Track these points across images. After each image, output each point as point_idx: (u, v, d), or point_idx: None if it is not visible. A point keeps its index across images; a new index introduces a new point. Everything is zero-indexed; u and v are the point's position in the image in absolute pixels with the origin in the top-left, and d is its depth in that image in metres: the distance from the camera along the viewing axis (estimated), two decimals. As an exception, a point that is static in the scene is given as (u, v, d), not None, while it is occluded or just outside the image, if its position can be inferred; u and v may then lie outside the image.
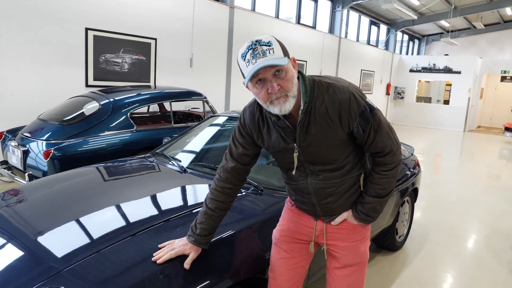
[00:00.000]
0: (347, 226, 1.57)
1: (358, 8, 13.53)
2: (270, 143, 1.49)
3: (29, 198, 2.11)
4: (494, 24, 17.44)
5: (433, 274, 3.17)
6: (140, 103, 4.45)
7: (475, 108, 16.06)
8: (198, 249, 1.54)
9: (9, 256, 1.55)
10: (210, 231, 1.56)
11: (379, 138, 1.43)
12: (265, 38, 1.28)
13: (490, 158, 9.31)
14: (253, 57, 1.25)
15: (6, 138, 4.29)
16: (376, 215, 1.55)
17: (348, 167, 1.49)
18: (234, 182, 1.58)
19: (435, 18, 14.97)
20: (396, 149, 1.48)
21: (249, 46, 1.27)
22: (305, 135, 1.39)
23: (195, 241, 1.53)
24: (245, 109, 1.55)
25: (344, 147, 1.45)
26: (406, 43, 18.43)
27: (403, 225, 3.58)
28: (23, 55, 5.21)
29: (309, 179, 1.50)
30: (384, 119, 1.45)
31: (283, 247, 1.65)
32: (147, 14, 6.67)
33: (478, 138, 13.34)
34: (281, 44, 1.32)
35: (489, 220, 4.59)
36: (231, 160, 1.57)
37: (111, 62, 6.26)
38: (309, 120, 1.37)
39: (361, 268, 1.61)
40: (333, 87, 1.37)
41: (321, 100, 1.36)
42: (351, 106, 1.35)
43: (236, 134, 1.57)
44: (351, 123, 1.38)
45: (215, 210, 1.56)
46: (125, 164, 2.69)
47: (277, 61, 1.25)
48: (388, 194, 1.53)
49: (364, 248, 1.62)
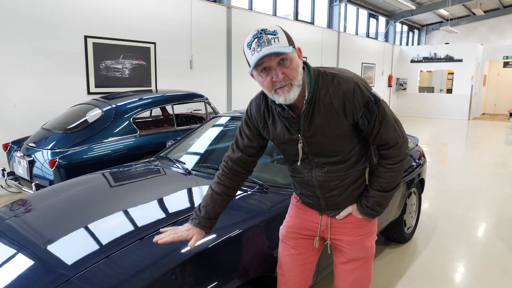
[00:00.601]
0: (352, 220, 1.57)
1: (356, 1, 13.47)
2: (275, 135, 1.50)
3: (37, 207, 2.13)
4: (493, 10, 17.30)
5: (443, 264, 3.15)
6: (142, 107, 4.47)
7: (478, 95, 15.94)
8: (202, 232, 1.52)
9: (20, 265, 1.57)
10: (215, 215, 1.55)
11: (384, 130, 1.42)
12: (270, 27, 1.28)
13: (496, 145, 9.24)
14: (258, 46, 1.26)
15: (11, 149, 4.32)
16: (381, 210, 1.54)
17: (353, 160, 1.48)
18: (240, 171, 1.60)
19: (433, 7, 14.87)
20: (402, 142, 1.46)
21: (254, 34, 1.28)
22: (309, 125, 1.40)
23: (199, 223, 1.52)
24: (252, 101, 1.56)
25: (349, 139, 1.44)
26: (405, 34, 18.33)
27: (411, 216, 3.56)
28: (24, 66, 5.25)
29: (314, 172, 1.51)
30: (389, 111, 1.44)
31: (290, 244, 1.66)
32: (144, 18, 6.69)
33: (483, 126, 13.25)
34: (287, 33, 1.32)
35: (497, 208, 4.57)
36: (237, 150, 1.59)
37: (112, 69, 6.28)
38: (313, 110, 1.38)
39: (367, 263, 1.61)
40: (338, 78, 1.37)
41: (326, 90, 1.36)
42: (356, 97, 1.35)
43: (243, 126, 1.59)
44: (356, 114, 1.38)
45: (220, 194, 1.56)
46: (130, 169, 2.71)
47: (282, 49, 1.25)
48: (394, 189, 1.52)
49: (370, 242, 1.61)
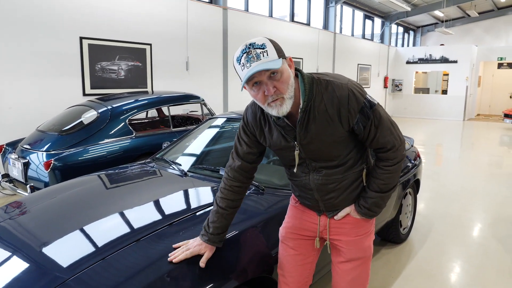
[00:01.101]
0: (350, 220, 1.58)
1: (351, 3, 13.52)
2: (271, 142, 1.51)
3: (32, 209, 2.12)
4: (488, 11, 17.43)
5: (439, 264, 3.17)
6: (138, 109, 4.46)
7: (473, 96, 16.04)
8: (213, 248, 1.58)
9: (15, 268, 1.56)
10: (223, 229, 1.60)
11: (380, 134, 1.43)
12: (258, 41, 1.28)
13: (491, 146, 9.30)
14: (247, 61, 1.26)
15: (6, 151, 4.29)
16: (379, 210, 1.56)
17: (350, 163, 1.49)
18: (242, 180, 1.62)
19: (428, 8, 14.96)
20: (399, 144, 1.47)
21: (243, 50, 1.27)
22: (305, 133, 1.40)
23: (209, 240, 1.57)
24: (247, 108, 1.57)
25: (345, 144, 1.45)
26: (401, 35, 18.43)
27: (407, 217, 3.58)
28: (19, 67, 5.22)
29: (311, 175, 1.51)
30: (385, 114, 1.44)
31: (289, 244, 1.67)
32: (140, 19, 6.67)
33: (478, 126, 13.33)
34: (276, 45, 1.31)
35: (492, 208, 4.59)
36: (237, 158, 1.61)
37: (107, 70, 6.26)
38: (308, 118, 1.38)
39: (365, 263, 1.62)
40: (332, 85, 1.37)
41: (320, 97, 1.36)
42: (350, 103, 1.36)
43: (241, 133, 1.60)
44: (351, 120, 1.38)
45: (226, 209, 1.60)
46: (126, 171, 2.70)
47: (270, 65, 1.25)
48: (391, 190, 1.53)
49: (368, 242, 1.62)
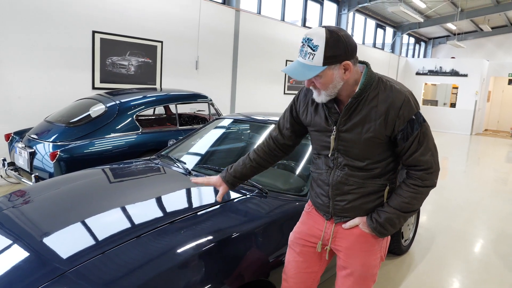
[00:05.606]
0: (356, 232, 1.52)
1: (364, 11, 13.50)
2: (312, 120, 1.55)
3: (35, 199, 2.13)
4: (501, 26, 17.31)
5: (439, 278, 3.13)
6: (146, 105, 4.48)
7: (482, 111, 15.92)
8: (226, 188, 1.77)
9: (15, 256, 1.56)
10: (240, 176, 1.76)
11: (421, 151, 1.40)
12: (316, 40, 1.30)
13: (497, 162, 9.21)
14: (300, 52, 1.35)
15: (13, 139, 4.33)
16: (391, 230, 1.47)
17: (375, 172, 1.46)
18: (275, 149, 1.75)
19: (441, 20, 14.89)
20: (435, 169, 1.42)
21: (303, 38, 1.34)
22: (347, 120, 1.42)
23: (225, 177, 1.77)
24: (303, 87, 1.62)
25: (379, 149, 1.43)
26: (412, 45, 18.35)
27: (409, 228, 3.55)
28: (30, 58, 5.26)
29: (333, 172, 1.51)
30: (431, 135, 1.43)
31: (296, 250, 1.66)
32: (153, 17, 6.71)
33: (485, 142, 13.22)
34: (331, 49, 1.30)
35: (496, 224, 4.54)
36: (277, 130, 1.74)
37: (118, 65, 6.30)
38: (356, 107, 1.40)
39: (365, 282, 1.54)
40: (392, 87, 1.40)
41: (376, 93, 1.39)
42: (403, 109, 1.37)
43: (288, 109, 1.70)
44: (397, 126, 1.38)
45: (252, 160, 1.76)
46: (131, 166, 2.70)
47: (303, 76, 1.33)
48: (411, 212, 1.46)
49: (373, 261, 1.54)
